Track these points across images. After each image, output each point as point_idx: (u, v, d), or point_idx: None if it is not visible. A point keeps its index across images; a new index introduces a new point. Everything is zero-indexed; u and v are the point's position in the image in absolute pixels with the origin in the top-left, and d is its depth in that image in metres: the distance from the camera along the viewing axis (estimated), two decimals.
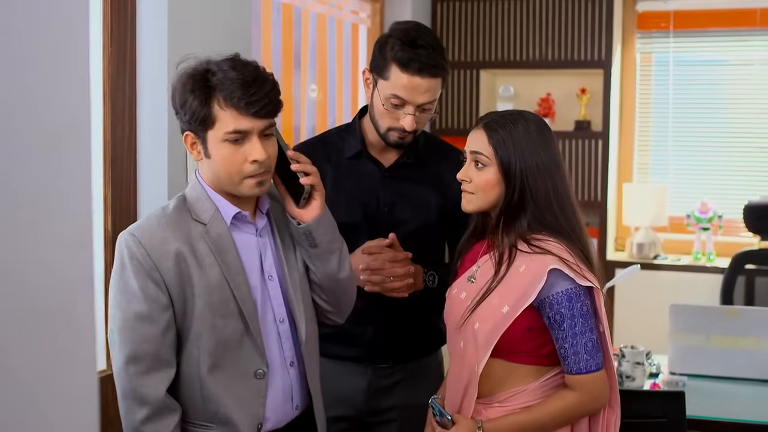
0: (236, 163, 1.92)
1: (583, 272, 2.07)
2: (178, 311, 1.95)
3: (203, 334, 1.95)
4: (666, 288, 4.91)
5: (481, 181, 2.16)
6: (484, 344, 2.10)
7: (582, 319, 2.06)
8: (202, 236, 1.97)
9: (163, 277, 1.92)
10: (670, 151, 5.33)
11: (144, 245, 1.92)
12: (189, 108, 1.91)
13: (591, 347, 2.06)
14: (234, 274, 1.97)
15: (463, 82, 5.15)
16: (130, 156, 2.59)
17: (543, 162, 2.13)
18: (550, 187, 2.12)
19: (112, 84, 2.51)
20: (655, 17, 5.26)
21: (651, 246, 5.11)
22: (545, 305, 2.08)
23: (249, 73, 1.91)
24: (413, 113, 2.40)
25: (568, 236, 2.12)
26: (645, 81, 5.34)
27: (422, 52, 2.36)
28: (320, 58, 4.24)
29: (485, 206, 2.19)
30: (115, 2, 2.50)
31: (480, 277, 2.18)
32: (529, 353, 2.13)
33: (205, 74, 1.91)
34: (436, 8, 5.16)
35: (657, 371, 3.47)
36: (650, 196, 5.10)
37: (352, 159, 2.54)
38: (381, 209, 2.54)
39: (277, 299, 2.08)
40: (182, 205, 2.01)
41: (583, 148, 5.02)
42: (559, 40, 5.00)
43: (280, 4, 3.82)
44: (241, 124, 1.90)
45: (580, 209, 2.22)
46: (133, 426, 1.93)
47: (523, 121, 2.16)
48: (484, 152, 2.15)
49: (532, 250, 2.10)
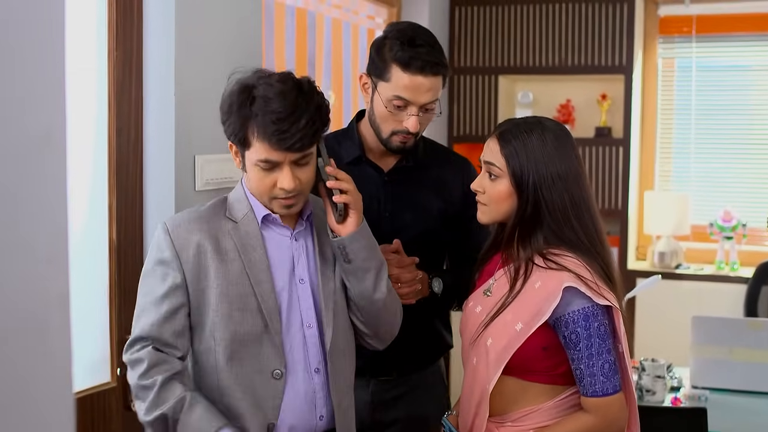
0: (266, 186, 2.00)
1: (601, 290, 1.99)
2: (193, 303, 2.02)
3: (219, 325, 2.01)
4: (688, 298, 4.82)
5: (493, 193, 2.10)
6: (496, 362, 2.02)
7: (599, 339, 1.98)
8: (230, 232, 2.05)
9: (183, 265, 2.01)
10: (693, 158, 5.26)
11: (171, 234, 2.03)
12: (230, 125, 1.99)
13: (608, 369, 1.98)
14: (257, 271, 2.03)
15: (482, 88, 5.09)
16: (136, 162, 2.53)
17: (559, 173, 2.05)
18: (567, 199, 2.05)
19: (118, 88, 2.46)
20: (678, 22, 5.18)
21: (673, 255, 5.04)
22: (561, 324, 2.00)
23: (290, 104, 1.93)
24: (417, 113, 2.35)
25: (588, 251, 2.04)
26: (667, 86, 5.27)
27: (422, 50, 2.32)
28: (335, 64, 4.18)
29: (499, 218, 2.13)
30: (120, 5, 2.45)
31: (496, 291, 2.11)
32: (544, 372, 2.05)
33: (248, 98, 1.95)
34: (454, 13, 5.10)
35: (678, 385, 3.40)
36: (672, 204, 5.02)
37: (351, 164, 2.49)
38: (382, 215, 2.49)
39: (306, 303, 2.08)
40: (220, 204, 2.11)
41: (603, 155, 4.95)
42: (580, 45, 4.93)
43: (294, 8, 3.77)
44: (272, 155, 1.96)
45: (603, 224, 2.13)
46: (133, 384, 2.01)
47: (539, 131, 2.08)
48: (497, 163, 2.09)
49: (548, 266, 2.02)
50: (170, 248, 2.02)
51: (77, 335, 2.43)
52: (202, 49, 2.65)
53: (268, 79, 1.97)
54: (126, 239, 2.51)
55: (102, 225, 2.47)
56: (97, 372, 2.48)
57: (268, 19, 3.50)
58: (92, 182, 2.45)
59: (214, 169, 2.67)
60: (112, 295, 2.49)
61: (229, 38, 2.77)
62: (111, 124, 2.46)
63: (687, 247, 5.17)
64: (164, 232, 2.04)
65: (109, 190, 2.47)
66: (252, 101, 1.95)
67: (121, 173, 2.49)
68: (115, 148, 2.46)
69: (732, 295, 4.74)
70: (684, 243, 5.15)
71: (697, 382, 3.37)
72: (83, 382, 2.44)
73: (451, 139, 5.12)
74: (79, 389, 2.41)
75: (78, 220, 2.42)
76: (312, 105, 1.97)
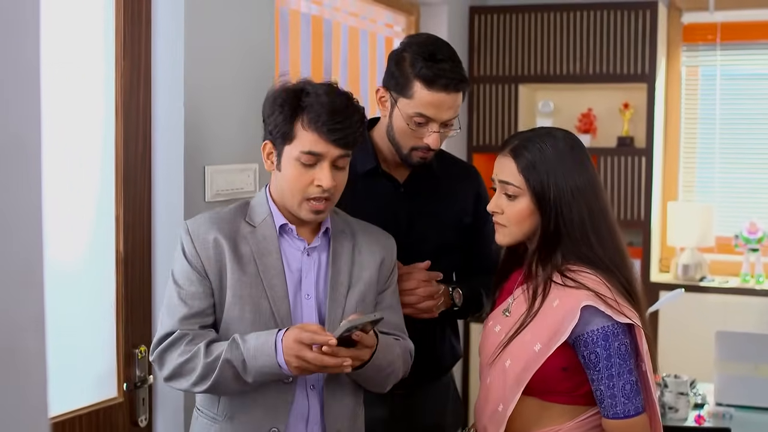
0: (302, 182, 2.00)
1: (622, 308, 1.91)
2: (217, 301, 2.04)
3: (232, 325, 2.02)
4: (712, 312, 4.73)
5: (513, 213, 2.02)
6: (515, 383, 1.95)
7: (619, 359, 1.90)
8: (247, 237, 2.06)
9: (204, 264, 2.03)
10: (717, 168, 5.19)
11: (191, 233, 2.05)
12: (275, 119, 2.01)
13: (629, 390, 1.91)
14: (271, 276, 2.03)
15: (501, 97, 5.03)
16: (144, 173, 2.48)
17: (578, 186, 1.97)
18: (585, 214, 1.97)
19: (125, 98, 2.41)
20: (702, 29, 5.10)
21: (697, 267, 4.96)
22: (580, 343, 1.92)
23: (340, 102, 2.00)
24: (438, 130, 2.31)
25: (607, 268, 1.96)
26: (691, 95, 5.19)
27: (445, 67, 2.29)
28: (352, 73, 4.12)
29: (521, 238, 2.06)
30: (128, 14, 2.40)
31: (514, 310, 2.04)
32: (565, 393, 1.98)
33: (300, 93, 2.00)
34: (474, 21, 5.04)
35: (702, 402, 3.32)
36: (696, 215, 4.95)
37: (365, 176, 2.44)
38: (400, 227, 2.43)
39: (309, 319, 2.06)
40: (242, 207, 2.13)
41: (626, 165, 4.88)
42: (601, 54, 4.86)
43: (310, 16, 3.72)
44: (318, 147, 1.98)
45: (622, 234, 2.05)
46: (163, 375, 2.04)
47: (552, 140, 2.01)
48: (514, 182, 2.01)
49: (566, 284, 1.95)
50: (191, 248, 2.04)
51: (83, 349, 2.40)
52: (212, 57, 2.60)
53: (316, 85, 2.04)
54: (134, 251, 2.46)
55: (109, 237, 2.42)
56: (103, 387, 2.43)
57: (282, 28, 3.45)
58: (99, 193, 2.40)
59: (225, 180, 2.62)
60: (119, 308, 2.44)
61: (240, 46, 2.72)
62: (118, 134, 2.41)
63: (711, 259, 5.09)
64: (185, 232, 2.07)
65: (117, 202, 2.42)
66: (305, 95, 1.99)
67: (129, 184, 2.44)
68: (123, 158, 2.41)
69: (758, 308, 4.66)
70: (708, 255, 5.07)
71: (721, 399, 3.29)
72: (89, 397, 2.39)
73: (471, 149, 5.06)
74: (85, 404, 2.37)
75: (84, 232, 2.38)
76: (360, 110, 2.05)
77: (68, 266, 2.33)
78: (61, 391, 2.33)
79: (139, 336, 2.48)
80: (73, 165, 2.33)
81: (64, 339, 2.31)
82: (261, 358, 1.92)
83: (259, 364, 1.93)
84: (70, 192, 2.32)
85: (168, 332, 2.02)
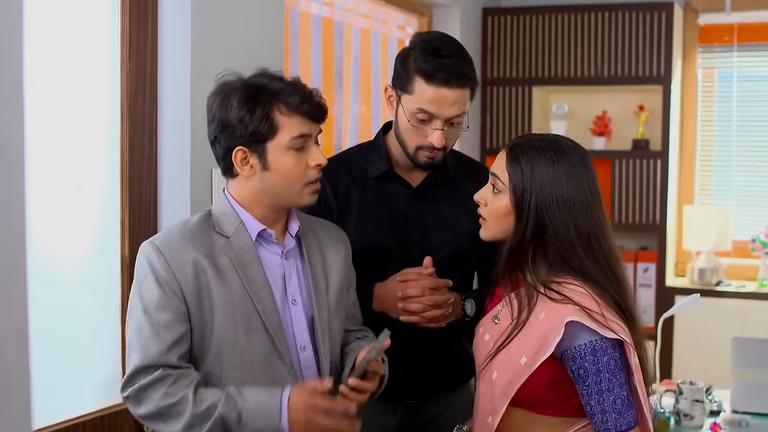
0: (300, 169, 1.95)
1: (608, 323, 1.86)
2: (194, 324, 1.90)
3: (225, 350, 1.91)
4: (729, 317, 4.68)
5: (493, 208, 1.99)
6: (501, 396, 1.92)
7: (609, 374, 1.86)
8: (224, 249, 1.94)
9: (182, 287, 1.88)
10: (734, 171, 5.14)
11: (164, 254, 1.89)
12: (248, 122, 1.90)
13: (620, 404, 1.86)
14: (257, 288, 1.94)
15: (515, 99, 4.99)
16: (150, 177, 2.46)
17: (564, 198, 1.91)
18: (572, 226, 1.91)
19: (131, 101, 2.39)
20: (718, 30, 5.05)
21: (713, 272, 4.91)
22: (567, 358, 1.88)
23: (298, 82, 1.96)
24: (441, 128, 2.26)
25: (596, 281, 1.92)
26: (707, 97, 5.14)
27: (447, 62, 2.22)
28: (363, 75, 4.09)
29: (499, 235, 2.01)
30: (134, 14, 2.38)
31: (503, 318, 2.00)
32: (554, 405, 1.94)
33: (254, 88, 1.92)
34: (487, 22, 5.00)
35: (718, 409, 3.26)
36: (712, 218, 4.90)
37: (378, 179, 2.40)
38: (411, 232, 2.39)
39: (299, 325, 2.01)
40: (206, 218, 1.99)
41: (641, 168, 4.83)
42: (616, 55, 4.81)
43: (320, 18, 3.69)
44: (305, 128, 1.93)
45: (618, 254, 1.99)
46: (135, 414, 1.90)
47: (552, 150, 1.95)
48: (501, 177, 1.98)
49: (552, 297, 1.90)
50: (166, 270, 1.88)
51: (88, 354, 2.38)
52: (220, 59, 2.56)
53: (257, 75, 1.96)
54: None
55: (114, 241, 2.40)
56: (108, 393, 2.41)
57: (292, 30, 3.42)
58: (104, 197, 2.38)
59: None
60: (124, 314, 2.41)
61: (249, 48, 2.70)
62: (124, 137, 2.39)
63: (728, 263, 5.03)
64: (155, 252, 1.89)
65: (122, 205, 2.40)
66: (263, 87, 1.92)
67: (135, 188, 2.42)
68: (128, 162, 2.40)
69: None
70: (725, 259, 5.02)
71: (737, 406, 3.24)
72: (94, 403, 2.38)
73: (484, 151, 5.02)
74: (90, 410, 2.36)
75: (90, 236, 2.36)
76: None
77: (73, 270, 2.31)
78: (66, 397, 2.32)
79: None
80: (79, 168, 2.31)
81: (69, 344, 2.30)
82: (260, 420, 1.83)
83: (258, 426, 1.83)
84: (75, 195, 2.30)
85: (142, 366, 1.86)
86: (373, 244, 2.37)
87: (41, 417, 2.06)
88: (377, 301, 2.33)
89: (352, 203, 2.38)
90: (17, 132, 0.78)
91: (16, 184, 0.82)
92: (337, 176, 2.38)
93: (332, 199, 2.37)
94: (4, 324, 0.83)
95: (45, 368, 2.07)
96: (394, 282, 2.31)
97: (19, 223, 0.84)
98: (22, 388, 0.87)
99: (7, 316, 0.83)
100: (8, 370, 0.83)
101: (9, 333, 0.83)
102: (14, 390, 0.84)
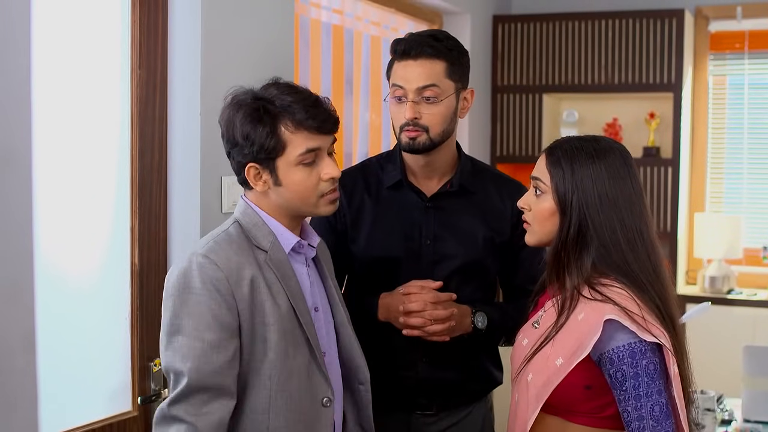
0: (312, 183, 1.94)
1: (649, 326, 1.83)
2: (245, 341, 1.87)
3: (278, 365, 1.89)
4: (740, 325, 4.66)
5: (537, 211, 1.97)
6: (535, 399, 1.89)
7: (648, 378, 1.82)
8: (267, 263, 1.93)
9: (237, 303, 1.86)
10: (745, 178, 5.13)
11: (222, 269, 1.85)
12: (255, 139, 1.89)
13: (659, 412, 1.82)
14: (298, 301, 1.94)
15: (525, 106, 4.98)
16: (160, 184, 2.46)
17: (609, 195, 1.90)
18: (617, 224, 1.90)
19: (141, 108, 2.39)
20: (729, 37, 5.04)
21: (724, 280, 4.89)
22: (605, 360, 1.85)
23: (306, 94, 1.94)
24: (411, 99, 2.28)
25: (639, 282, 1.89)
26: (718, 105, 5.13)
27: (415, 38, 2.30)
28: (374, 83, 4.09)
29: (544, 239, 1.99)
30: (144, 21, 2.39)
31: (543, 323, 1.97)
32: (588, 414, 1.90)
33: (262, 103, 1.91)
34: (497, 30, 5.00)
35: (730, 418, 3.24)
36: (724, 226, 4.88)
37: (392, 189, 2.40)
38: (423, 243, 2.38)
39: (321, 330, 2.02)
40: (241, 232, 1.95)
41: (652, 175, 4.82)
42: (627, 63, 4.80)
43: (330, 26, 3.69)
44: (313, 142, 1.91)
45: (662, 254, 1.97)
46: None
47: (592, 149, 1.95)
48: (542, 178, 1.96)
49: (593, 297, 1.88)
50: (225, 284, 1.84)
51: (98, 362, 2.37)
52: (229, 66, 2.57)
53: (266, 87, 1.95)
54: (149, 263, 2.44)
55: (124, 249, 2.40)
56: (117, 401, 2.41)
57: (303, 37, 3.43)
58: (114, 204, 2.38)
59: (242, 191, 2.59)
60: (134, 321, 2.42)
61: (259, 55, 2.70)
62: (134, 144, 2.39)
63: (739, 271, 5.01)
64: (212, 265, 1.85)
65: (132, 213, 2.40)
66: (270, 104, 1.90)
67: (145, 195, 2.41)
68: (138, 169, 2.40)
69: None
70: (736, 267, 5.00)
71: (749, 415, 3.22)
72: (103, 411, 2.37)
73: (494, 158, 5.01)
74: (99, 418, 2.35)
75: (99, 244, 2.36)
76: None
77: (83, 277, 2.31)
78: (75, 405, 2.31)
79: (154, 349, 2.43)
80: (88, 175, 2.31)
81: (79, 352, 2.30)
82: None
83: None
84: (85, 202, 2.30)
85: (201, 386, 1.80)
86: (383, 254, 2.36)
87: (51, 424, 2.06)
88: (382, 310, 2.32)
89: (365, 212, 2.38)
90: (24, 139, 0.78)
91: (22, 192, 0.82)
92: (353, 186, 2.40)
93: (346, 209, 2.37)
94: (12, 332, 0.83)
95: (54, 376, 2.07)
96: (398, 294, 2.30)
97: (26, 231, 0.84)
98: (29, 396, 0.86)
99: (15, 324, 0.82)
100: (16, 377, 0.83)
101: (16, 341, 0.83)
102: (21, 397, 0.84)
